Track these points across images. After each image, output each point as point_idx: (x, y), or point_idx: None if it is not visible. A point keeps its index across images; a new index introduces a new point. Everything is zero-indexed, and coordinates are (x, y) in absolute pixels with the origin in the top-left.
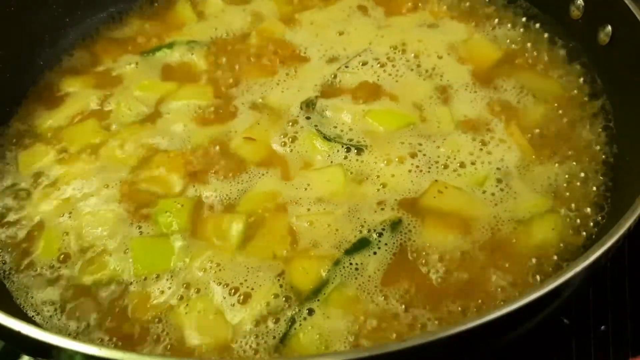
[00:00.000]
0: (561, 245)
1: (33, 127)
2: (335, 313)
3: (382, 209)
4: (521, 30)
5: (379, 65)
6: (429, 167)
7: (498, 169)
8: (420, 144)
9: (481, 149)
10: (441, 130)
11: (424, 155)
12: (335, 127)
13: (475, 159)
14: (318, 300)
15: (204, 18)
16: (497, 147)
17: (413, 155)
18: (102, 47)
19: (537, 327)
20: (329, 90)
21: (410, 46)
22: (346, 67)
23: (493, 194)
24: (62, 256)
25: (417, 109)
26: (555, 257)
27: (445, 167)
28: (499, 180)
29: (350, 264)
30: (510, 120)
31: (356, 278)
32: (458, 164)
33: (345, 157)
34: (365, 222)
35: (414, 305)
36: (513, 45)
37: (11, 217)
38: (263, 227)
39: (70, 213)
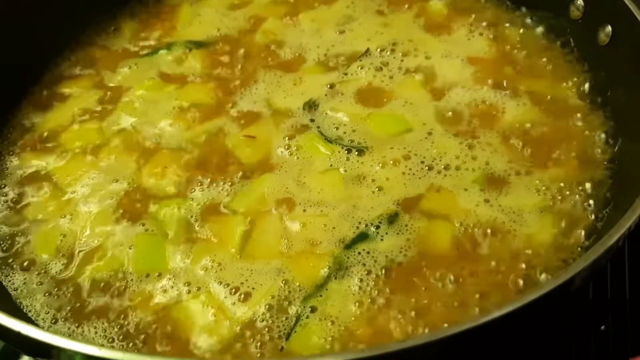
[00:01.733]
0: (561, 245)
1: (33, 128)
2: (338, 308)
3: (373, 208)
4: (520, 30)
5: (377, 69)
6: (423, 170)
7: (495, 170)
8: (416, 147)
9: (473, 151)
10: (436, 134)
11: (416, 155)
12: (337, 128)
13: (470, 160)
14: (321, 296)
15: (203, 18)
16: (492, 149)
17: (407, 158)
18: (101, 49)
19: (537, 327)
20: (331, 93)
21: (410, 47)
22: (345, 74)
23: (490, 195)
24: (62, 256)
25: (415, 111)
26: (554, 258)
27: (439, 169)
28: (496, 182)
29: (348, 258)
30: (506, 122)
31: (357, 271)
32: (454, 166)
33: (347, 159)
34: (362, 219)
35: (414, 300)
36: (511, 46)
37: (11, 217)
38: (262, 228)
39: (71, 213)
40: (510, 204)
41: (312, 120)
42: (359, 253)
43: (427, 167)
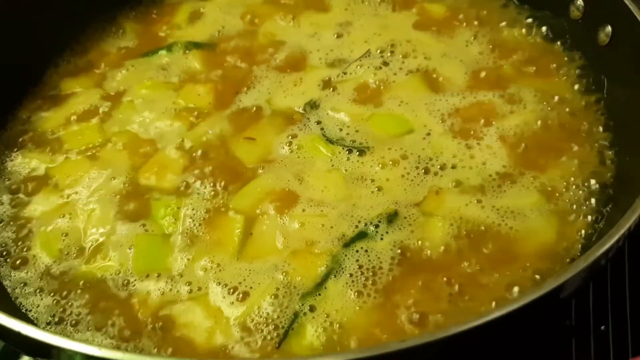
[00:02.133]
0: (561, 245)
1: (33, 128)
2: (336, 306)
3: (372, 207)
4: (520, 30)
5: (377, 69)
6: (422, 171)
7: (494, 171)
8: (417, 148)
9: (472, 151)
10: (435, 134)
11: (412, 155)
12: (341, 129)
13: (469, 160)
14: (319, 294)
15: (203, 19)
16: (491, 149)
17: (406, 158)
18: (102, 48)
19: (537, 328)
20: (331, 93)
21: (409, 48)
22: (344, 73)
23: (489, 195)
24: (62, 256)
25: (415, 112)
26: (554, 258)
27: (436, 170)
28: (495, 182)
29: (346, 256)
30: (506, 122)
31: (356, 270)
32: (452, 166)
33: (348, 159)
34: (361, 217)
35: (413, 299)
36: (510, 46)
37: (11, 217)
38: (261, 227)
39: (70, 213)
40: (509, 203)
41: (314, 121)
42: (357, 251)
43: (425, 169)
